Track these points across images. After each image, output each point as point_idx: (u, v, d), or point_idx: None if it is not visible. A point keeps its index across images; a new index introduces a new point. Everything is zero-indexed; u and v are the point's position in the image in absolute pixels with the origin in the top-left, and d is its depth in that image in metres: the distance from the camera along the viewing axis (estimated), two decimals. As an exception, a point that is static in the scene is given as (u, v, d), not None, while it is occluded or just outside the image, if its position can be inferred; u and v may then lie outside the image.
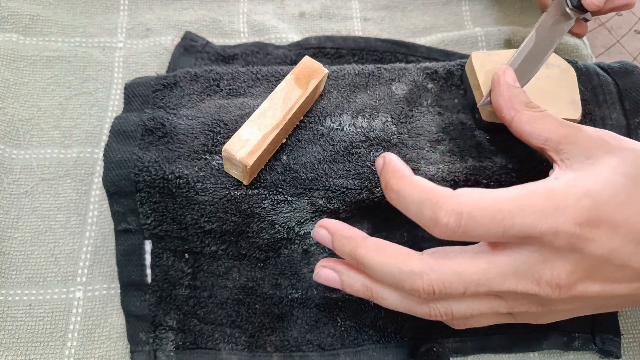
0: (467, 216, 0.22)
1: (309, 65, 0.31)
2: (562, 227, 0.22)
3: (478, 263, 0.23)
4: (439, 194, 0.23)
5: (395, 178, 0.25)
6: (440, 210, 0.23)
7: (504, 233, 0.22)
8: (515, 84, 0.29)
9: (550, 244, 0.22)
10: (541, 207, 0.22)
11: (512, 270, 0.23)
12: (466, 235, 0.23)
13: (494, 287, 0.23)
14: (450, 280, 0.23)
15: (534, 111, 0.27)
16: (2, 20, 0.38)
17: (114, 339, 0.32)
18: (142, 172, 0.30)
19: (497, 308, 0.25)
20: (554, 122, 0.26)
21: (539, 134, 0.26)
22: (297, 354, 0.31)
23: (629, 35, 0.45)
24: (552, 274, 0.23)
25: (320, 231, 0.27)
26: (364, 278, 0.27)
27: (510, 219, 0.22)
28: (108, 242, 0.34)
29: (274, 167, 0.30)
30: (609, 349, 0.32)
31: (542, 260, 0.23)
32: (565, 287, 0.23)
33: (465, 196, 0.23)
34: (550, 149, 0.26)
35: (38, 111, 0.36)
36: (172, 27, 0.41)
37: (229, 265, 0.32)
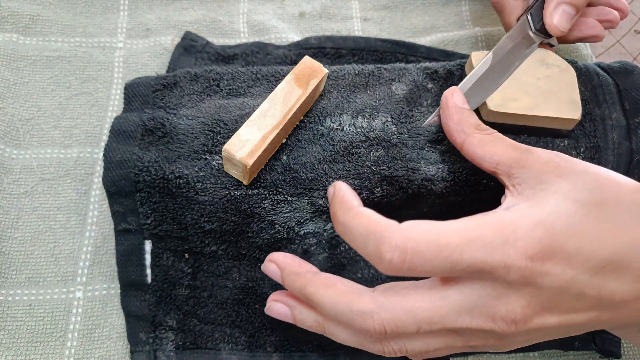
0: (412, 252, 0.21)
1: (309, 65, 0.31)
2: (513, 262, 0.21)
3: (430, 300, 0.22)
4: (383, 228, 0.22)
5: (342, 209, 0.24)
6: (384, 245, 0.22)
7: (452, 268, 0.21)
8: (464, 106, 0.28)
9: (502, 278, 0.21)
10: (490, 240, 0.21)
11: (465, 307, 0.22)
12: (412, 271, 0.22)
13: (447, 325, 0.22)
14: (402, 319, 0.22)
15: (484, 134, 0.26)
16: (2, 20, 0.38)
17: (114, 339, 0.32)
18: (142, 172, 0.30)
19: (452, 343, 0.24)
20: (504, 145, 0.26)
21: (490, 158, 0.26)
22: (297, 354, 0.31)
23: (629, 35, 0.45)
24: (506, 309, 0.22)
25: (269, 266, 0.27)
26: (315, 314, 0.26)
27: (458, 254, 0.21)
28: (108, 242, 0.34)
29: (274, 167, 0.30)
30: (609, 348, 0.32)
31: (495, 295, 0.22)
32: (521, 322, 0.22)
33: (411, 230, 0.22)
34: (502, 173, 0.25)
35: (38, 111, 0.36)
36: (172, 27, 0.41)
37: (229, 265, 0.32)
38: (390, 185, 0.30)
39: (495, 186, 0.31)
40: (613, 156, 0.32)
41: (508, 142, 0.26)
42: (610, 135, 0.32)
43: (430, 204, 0.32)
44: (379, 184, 0.30)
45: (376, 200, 0.31)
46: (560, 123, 0.31)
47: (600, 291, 0.22)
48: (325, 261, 0.32)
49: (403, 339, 0.24)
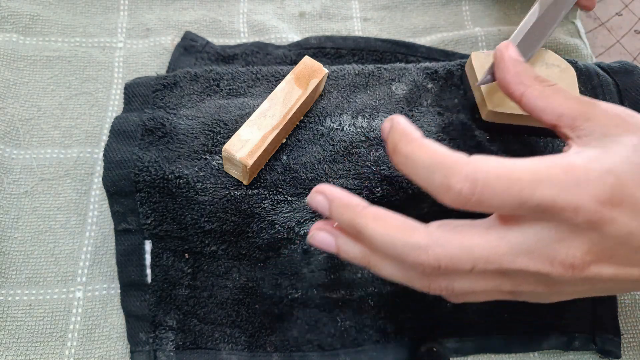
0: (483, 184, 0.21)
1: (309, 65, 0.31)
2: (584, 204, 0.20)
3: (489, 239, 0.22)
4: (453, 159, 0.22)
5: (405, 141, 0.23)
6: (454, 176, 0.21)
7: (521, 205, 0.21)
8: (520, 59, 0.27)
9: (569, 220, 0.21)
10: (562, 180, 0.21)
11: (525, 248, 0.22)
12: (480, 204, 0.21)
13: (504, 265, 0.22)
14: (458, 255, 0.22)
15: (545, 85, 0.26)
16: (2, 20, 0.38)
17: (114, 339, 0.32)
18: (142, 172, 0.30)
19: (500, 286, 0.23)
20: (568, 97, 0.25)
21: (552, 110, 0.25)
22: (297, 354, 0.31)
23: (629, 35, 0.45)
24: (567, 253, 0.21)
25: (316, 197, 0.25)
26: (361, 246, 0.25)
27: (529, 191, 0.21)
28: (108, 242, 0.34)
29: (274, 167, 0.30)
30: (609, 349, 0.32)
31: (557, 238, 0.21)
32: (579, 268, 0.21)
33: (482, 163, 0.21)
34: (565, 126, 0.24)
35: (38, 111, 0.36)
36: (172, 27, 0.41)
37: (229, 265, 0.32)
38: (390, 185, 0.30)
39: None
40: (613, 156, 0.32)
41: (571, 95, 0.25)
42: (610, 135, 0.32)
43: (430, 203, 0.32)
44: (379, 184, 0.30)
45: (376, 200, 0.31)
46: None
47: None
48: (325, 261, 0.32)
49: (453, 277, 0.23)
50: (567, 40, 0.42)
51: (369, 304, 0.32)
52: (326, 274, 0.32)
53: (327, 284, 0.32)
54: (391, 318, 0.32)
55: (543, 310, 0.32)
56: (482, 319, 0.32)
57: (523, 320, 0.32)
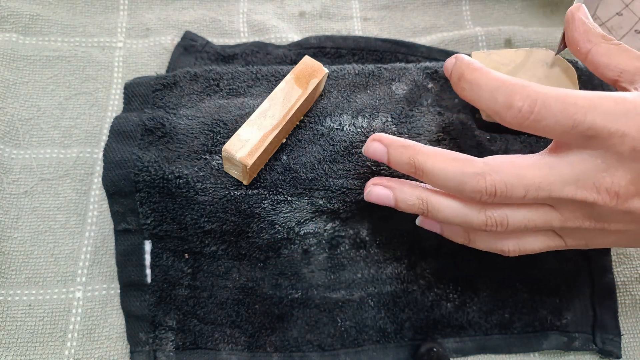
0: (541, 103, 0.23)
1: (309, 65, 0.31)
2: (630, 132, 0.22)
3: (540, 167, 0.24)
4: (515, 82, 0.24)
5: (470, 69, 0.25)
6: (516, 95, 0.23)
7: (573, 128, 0.23)
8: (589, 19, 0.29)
9: (614, 148, 0.22)
10: (613, 109, 0.22)
11: (573, 177, 0.23)
12: (537, 123, 0.23)
13: (554, 193, 0.23)
14: (512, 182, 0.24)
15: (611, 44, 0.27)
16: (2, 20, 0.38)
17: (113, 339, 0.32)
18: (141, 172, 0.30)
19: (551, 221, 0.25)
20: (631, 55, 0.27)
21: (615, 66, 0.27)
22: (297, 354, 0.31)
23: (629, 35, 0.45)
24: (612, 181, 0.23)
25: (372, 144, 0.27)
26: (419, 191, 0.27)
27: (582, 114, 0.22)
28: (108, 242, 0.34)
29: (274, 167, 0.30)
30: (609, 349, 0.32)
31: (604, 167, 0.23)
32: (622, 197, 0.23)
33: (541, 87, 0.23)
34: (625, 81, 0.26)
35: (38, 111, 0.36)
36: (172, 27, 0.41)
37: (228, 266, 0.32)
38: (390, 185, 0.30)
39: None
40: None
41: (634, 53, 0.27)
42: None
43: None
44: (379, 184, 0.30)
45: (376, 200, 0.31)
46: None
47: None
48: (325, 261, 0.32)
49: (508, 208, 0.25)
50: (567, 40, 0.42)
51: (369, 304, 0.32)
52: (326, 274, 0.32)
53: (327, 284, 0.32)
54: (391, 318, 0.32)
55: (543, 310, 0.32)
56: (482, 319, 0.32)
57: (523, 320, 0.32)
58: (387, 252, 0.33)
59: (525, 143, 0.31)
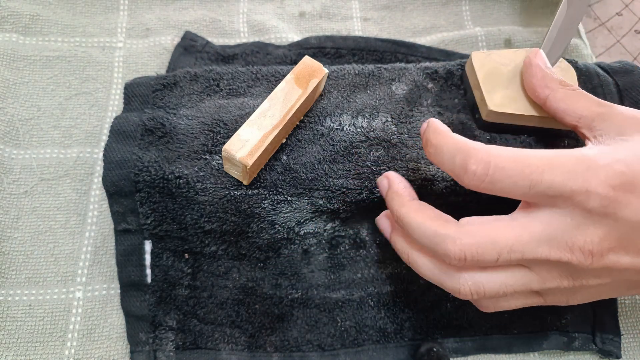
0: (495, 166, 0.23)
1: (309, 65, 0.31)
2: (595, 188, 0.22)
3: (512, 229, 0.23)
4: (471, 146, 0.24)
5: (434, 133, 0.26)
6: (470, 158, 0.23)
7: (531, 188, 0.22)
8: (547, 65, 0.29)
9: (582, 205, 0.22)
10: (572, 166, 0.22)
11: (545, 236, 0.23)
12: (493, 185, 0.23)
13: (527, 254, 0.23)
14: (483, 245, 0.23)
15: (569, 89, 0.28)
16: (2, 20, 0.38)
17: (113, 339, 0.32)
18: (142, 172, 0.30)
19: (529, 283, 0.24)
20: (588, 100, 0.27)
21: (573, 112, 0.27)
22: (297, 354, 0.31)
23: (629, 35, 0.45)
24: (584, 239, 0.22)
25: (382, 180, 0.29)
26: (404, 241, 0.27)
27: (538, 174, 0.22)
28: (108, 242, 0.34)
29: (274, 167, 0.30)
30: (609, 349, 0.32)
31: (574, 225, 0.23)
32: (597, 254, 0.22)
33: (497, 149, 0.24)
34: (584, 127, 0.26)
35: (38, 111, 0.36)
36: (172, 27, 0.41)
37: (229, 266, 0.32)
38: (390, 185, 0.30)
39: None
40: (613, 156, 0.32)
41: (592, 98, 0.27)
42: (611, 135, 0.32)
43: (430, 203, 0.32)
44: (379, 184, 0.30)
45: (376, 200, 0.31)
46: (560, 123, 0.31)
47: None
48: (325, 261, 0.32)
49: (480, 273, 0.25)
50: (567, 40, 0.42)
51: (369, 304, 0.32)
52: (326, 274, 0.32)
53: (327, 284, 0.32)
54: (391, 318, 0.32)
55: (543, 310, 0.32)
56: (482, 319, 0.32)
57: (523, 321, 0.32)
58: (387, 252, 0.33)
59: (524, 143, 0.31)
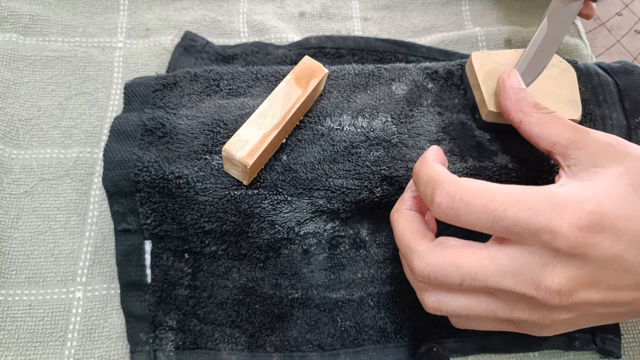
0: (460, 200, 0.23)
1: (309, 65, 0.31)
2: (560, 229, 0.21)
3: (479, 257, 0.23)
4: (442, 177, 0.24)
5: (419, 162, 0.26)
6: (437, 190, 0.23)
7: (494, 224, 0.22)
8: (521, 86, 0.29)
9: (548, 244, 0.22)
10: (536, 204, 0.22)
11: (511, 270, 0.22)
12: (457, 219, 0.23)
13: (490, 284, 0.23)
14: (447, 269, 0.23)
15: (543, 113, 0.27)
16: (2, 20, 0.38)
17: (114, 339, 0.32)
18: (142, 172, 0.30)
19: (495, 311, 0.24)
20: (562, 125, 0.26)
21: (547, 137, 0.26)
22: (297, 354, 0.31)
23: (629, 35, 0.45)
24: (552, 279, 0.22)
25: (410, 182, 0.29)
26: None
27: (501, 210, 0.22)
28: (108, 242, 0.34)
29: (274, 167, 0.30)
30: (609, 349, 0.32)
31: (542, 263, 0.22)
32: (565, 294, 0.22)
33: (464, 182, 0.23)
34: (558, 153, 0.26)
35: (38, 111, 0.36)
36: (172, 27, 0.41)
37: (229, 265, 0.32)
38: (390, 185, 0.30)
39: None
40: (613, 156, 0.32)
41: (566, 123, 0.26)
42: (611, 135, 0.32)
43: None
44: (379, 184, 0.30)
45: (376, 200, 0.31)
46: None
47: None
48: (325, 261, 0.32)
49: (444, 293, 0.25)
50: (567, 40, 0.42)
51: (369, 304, 0.32)
52: (326, 274, 0.32)
53: (327, 284, 0.32)
54: (391, 318, 0.32)
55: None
56: (482, 319, 0.32)
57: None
58: (387, 252, 0.33)
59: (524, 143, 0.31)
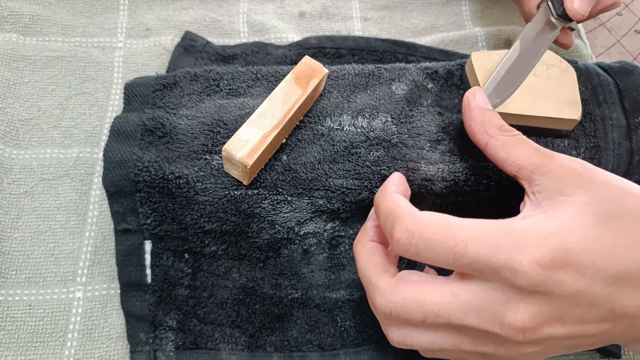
0: (419, 236, 0.22)
1: (309, 65, 0.31)
2: (520, 266, 0.21)
3: (442, 294, 0.23)
4: (402, 211, 0.23)
5: (380, 192, 0.26)
6: (397, 225, 0.23)
7: (455, 261, 0.22)
8: (487, 107, 0.28)
9: (510, 282, 0.21)
10: (497, 241, 0.21)
11: (475, 307, 0.22)
12: (417, 255, 0.23)
13: (453, 321, 0.22)
14: (409, 306, 0.23)
15: (508, 135, 0.26)
16: (2, 20, 0.38)
17: (114, 339, 0.32)
18: (142, 172, 0.30)
19: (460, 345, 0.23)
20: (528, 148, 0.25)
21: (512, 161, 0.25)
22: (297, 354, 0.31)
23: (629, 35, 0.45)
24: (515, 317, 0.21)
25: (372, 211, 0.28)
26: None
27: (462, 247, 0.21)
28: (108, 242, 0.34)
29: (274, 167, 0.30)
30: (609, 349, 0.32)
31: (505, 300, 0.22)
32: (529, 330, 0.21)
33: (424, 217, 0.23)
34: (523, 178, 0.25)
35: (38, 111, 0.36)
36: (172, 27, 0.41)
37: (229, 265, 0.32)
38: (390, 185, 0.30)
39: (495, 186, 0.31)
40: (613, 156, 0.32)
41: (532, 146, 0.25)
42: (611, 135, 0.32)
43: (430, 204, 0.32)
44: (379, 184, 0.30)
45: (376, 200, 0.31)
46: (560, 123, 0.31)
47: (613, 303, 0.22)
48: (325, 261, 0.32)
49: (408, 328, 0.24)
50: (567, 40, 0.42)
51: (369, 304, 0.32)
52: (326, 274, 0.32)
53: (327, 284, 0.32)
54: (391, 318, 0.32)
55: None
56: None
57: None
58: (387, 252, 0.33)
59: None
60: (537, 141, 0.32)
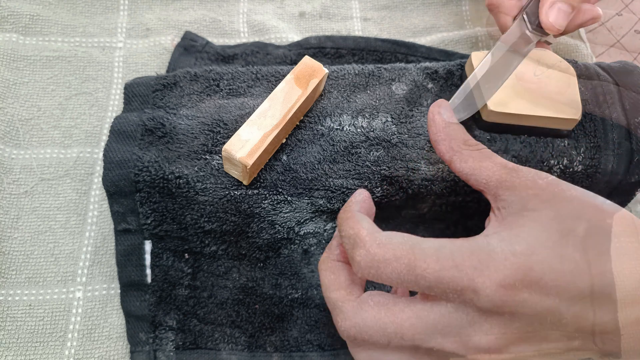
0: (380, 259, 0.22)
1: (309, 65, 0.31)
2: (482, 288, 0.21)
3: (406, 315, 0.22)
4: (364, 233, 0.23)
5: (343, 211, 0.26)
6: (359, 248, 0.23)
7: (417, 283, 0.21)
8: (452, 120, 0.27)
9: (472, 303, 0.21)
10: (460, 262, 0.21)
11: (439, 329, 0.22)
12: (379, 278, 0.22)
13: (418, 343, 0.22)
14: (374, 330, 0.23)
15: (473, 150, 0.26)
16: (2, 20, 0.38)
17: (114, 339, 0.32)
18: (142, 172, 0.30)
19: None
20: (493, 163, 0.25)
21: (478, 176, 0.25)
22: (297, 354, 0.31)
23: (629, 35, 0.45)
24: (479, 338, 0.21)
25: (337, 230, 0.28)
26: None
27: (422, 270, 0.21)
28: (108, 242, 0.34)
29: (274, 167, 0.30)
30: (609, 349, 0.32)
31: (469, 321, 0.21)
32: (495, 351, 0.21)
33: (386, 240, 0.22)
34: (489, 193, 0.25)
35: (38, 111, 0.36)
36: (172, 27, 0.41)
37: (229, 265, 0.32)
38: (390, 185, 0.30)
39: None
40: (613, 156, 0.32)
41: (497, 160, 0.25)
42: (610, 135, 0.32)
43: (430, 204, 0.32)
44: (379, 184, 0.30)
45: (376, 200, 0.31)
46: (560, 123, 0.31)
47: (580, 321, 0.21)
48: (325, 261, 0.32)
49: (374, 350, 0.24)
50: (567, 40, 0.42)
51: (369, 304, 0.32)
52: (326, 274, 0.32)
53: (327, 284, 0.32)
54: (391, 318, 0.32)
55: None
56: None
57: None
58: (387, 252, 0.33)
59: (525, 143, 0.31)
60: (537, 141, 0.32)
